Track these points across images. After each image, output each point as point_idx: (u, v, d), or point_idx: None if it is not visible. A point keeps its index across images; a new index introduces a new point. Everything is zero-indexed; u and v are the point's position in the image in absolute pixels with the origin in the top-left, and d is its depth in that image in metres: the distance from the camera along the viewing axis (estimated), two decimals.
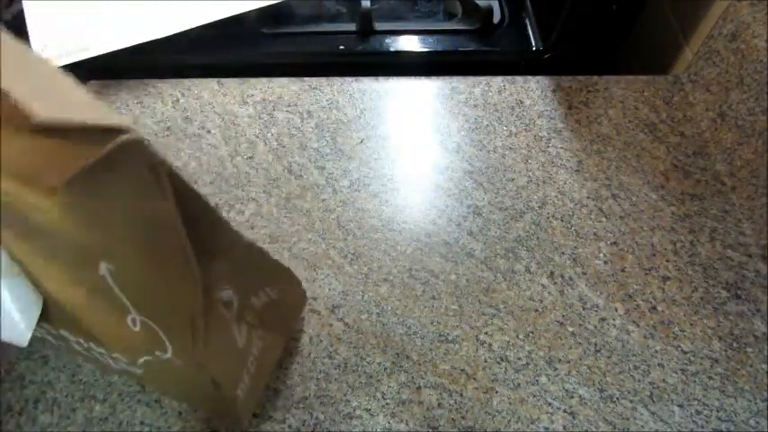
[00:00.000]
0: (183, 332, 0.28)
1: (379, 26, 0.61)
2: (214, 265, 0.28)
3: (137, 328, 0.27)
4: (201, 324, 0.28)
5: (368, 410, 0.39)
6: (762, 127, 0.47)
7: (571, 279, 0.45)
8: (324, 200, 0.48)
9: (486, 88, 0.56)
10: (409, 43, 0.60)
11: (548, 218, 0.48)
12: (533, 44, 0.61)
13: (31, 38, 0.55)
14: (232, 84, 0.57)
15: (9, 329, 0.27)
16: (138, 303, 0.26)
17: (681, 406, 0.40)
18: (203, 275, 0.26)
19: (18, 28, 0.56)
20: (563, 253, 0.46)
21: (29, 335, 0.28)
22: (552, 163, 0.51)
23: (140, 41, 0.55)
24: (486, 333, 0.42)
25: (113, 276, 0.25)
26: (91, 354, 0.32)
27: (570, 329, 0.42)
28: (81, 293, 0.26)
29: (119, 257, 0.24)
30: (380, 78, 0.56)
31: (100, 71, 0.58)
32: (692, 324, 0.43)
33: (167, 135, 0.53)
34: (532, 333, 0.42)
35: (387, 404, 0.39)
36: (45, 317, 0.28)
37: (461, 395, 0.39)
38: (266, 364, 0.36)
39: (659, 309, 0.44)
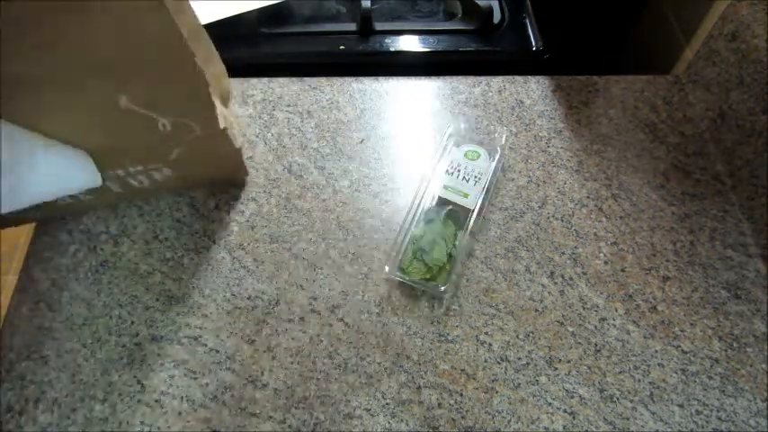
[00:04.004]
0: (203, 111, 0.37)
1: (379, 26, 0.61)
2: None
3: (168, 129, 0.37)
4: (212, 101, 0.37)
5: (368, 410, 0.39)
6: (762, 127, 0.47)
7: (571, 279, 0.45)
8: (324, 200, 0.48)
9: (486, 88, 0.56)
10: (409, 43, 0.60)
11: (548, 218, 0.48)
12: (533, 44, 0.61)
13: None
14: (232, 84, 0.57)
15: (83, 177, 0.37)
16: (163, 110, 0.35)
17: (681, 406, 0.40)
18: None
19: None
20: (563, 253, 0.46)
21: (99, 176, 0.37)
22: (552, 163, 0.51)
23: None
24: (486, 333, 0.42)
25: (134, 102, 0.33)
26: (127, 183, 0.42)
27: (570, 329, 0.42)
28: (117, 127, 0.35)
29: (132, 86, 0.32)
30: (380, 78, 0.56)
31: None
32: (692, 324, 0.43)
33: None
34: (532, 333, 0.42)
35: (387, 404, 0.39)
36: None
37: (461, 395, 0.39)
38: (237, 128, 0.48)
39: (659, 309, 0.44)
